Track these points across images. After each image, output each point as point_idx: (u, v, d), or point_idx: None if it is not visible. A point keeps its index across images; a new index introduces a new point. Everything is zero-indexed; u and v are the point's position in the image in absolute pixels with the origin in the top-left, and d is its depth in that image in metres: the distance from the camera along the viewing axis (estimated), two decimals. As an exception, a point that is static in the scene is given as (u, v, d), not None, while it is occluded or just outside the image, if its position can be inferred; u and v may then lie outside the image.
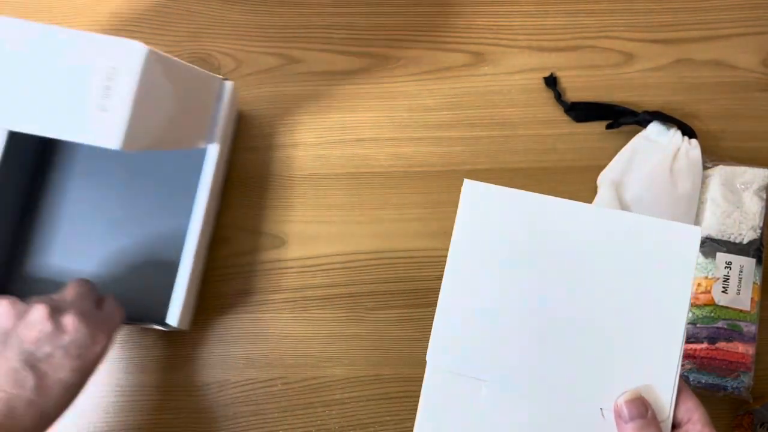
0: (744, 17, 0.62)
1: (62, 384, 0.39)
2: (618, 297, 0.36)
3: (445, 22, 0.61)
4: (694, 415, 0.35)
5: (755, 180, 0.53)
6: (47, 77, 0.35)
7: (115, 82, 0.34)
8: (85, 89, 0.34)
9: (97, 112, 0.34)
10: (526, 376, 0.36)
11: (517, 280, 0.37)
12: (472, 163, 0.58)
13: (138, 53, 0.35)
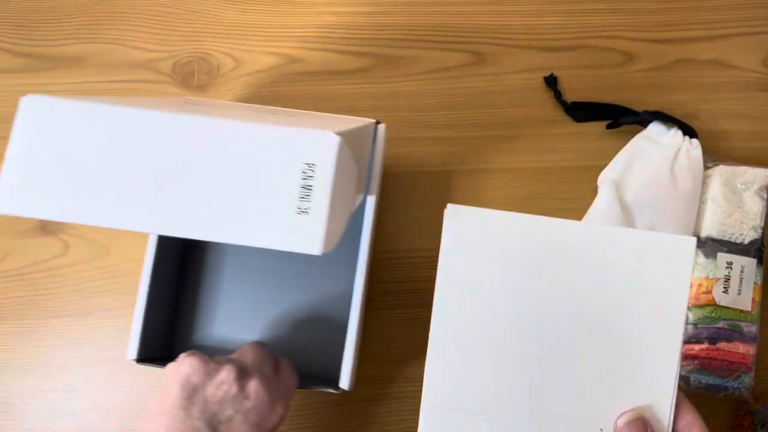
0: (745, 17, 0.62)
1: None
2: (613, 316, 0.36)
3: (445, 22, 0.61)
4: (693, 429, 0.35)
5: (756, 180, 0.53)
6: (239, 180, 0.31)
7: (313, 181, 0.31)
8: (284, 191, 0.31)
9: (296, 216, 0.31)
10: (524, 405, 0.35)
11: (508, 306, 0.36)
12: (472, 163, 0.58)
13: (333, 145, 0.32)
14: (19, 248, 0.56)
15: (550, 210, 0.57)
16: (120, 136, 0.32)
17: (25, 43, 0.60)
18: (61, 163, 0.31)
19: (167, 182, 0.31)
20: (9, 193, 0.31)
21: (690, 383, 0.51)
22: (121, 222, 0.31)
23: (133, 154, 0.32)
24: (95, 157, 0.31)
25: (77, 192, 0.31)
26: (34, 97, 0.31)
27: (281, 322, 0.52)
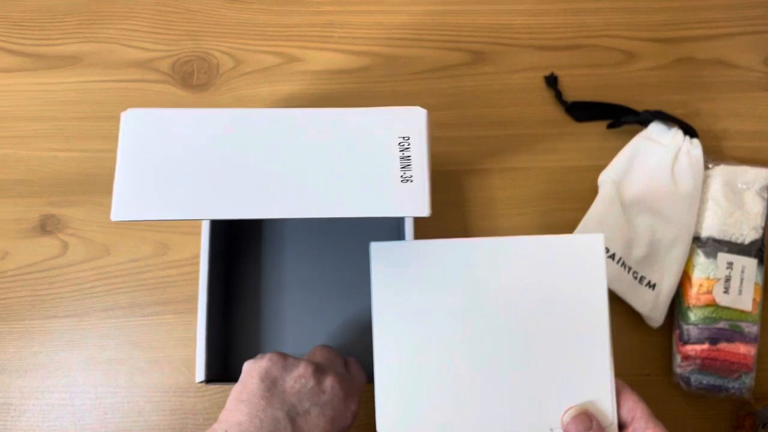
0: (745, 16, 0.61)
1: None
2: (541, 320, 0.38)
3: (445, 22, 0.61)
4: (636, 412, 0.37)
5: (757, 180, 0.53)
6: (343, 160, 0.34)
7: (410, 151, 0.34)
8: (387, 164, 0.34)
9: (402, 184, 0.34)
10: (474, 417, 0.37)
11: (443, 327, 0.38)
12: (472, 163, 0.58)
13: (422, 117, 0.35)
14: (19, 248, 0.56)
15: (550, 210, 0.57)
16: (221, 135, 0.34)
17: (25, 42, 0.60)
18: (171, 166, 0.33)
19: (276, 170, 0.33)
20: (127, 201, 0.32)
21: (691, 384, 0.50)
22: (239, 211, 0.33)
23: (237, 150, 0.33)
24: (200, 157, 0.33)
25: (192, 190, 0.33)
26: (133, 110, 0.33)
27: (341, 331, 0.51)
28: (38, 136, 0.58)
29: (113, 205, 0.32)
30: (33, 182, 0.57)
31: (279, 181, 0.33)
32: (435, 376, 0.38)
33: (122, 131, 0.34)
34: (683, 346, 0.51)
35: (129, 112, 0.34)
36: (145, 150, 0.33)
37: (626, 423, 0.37)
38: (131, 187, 0.33)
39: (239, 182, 0.33)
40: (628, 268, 0.52)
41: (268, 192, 0.33)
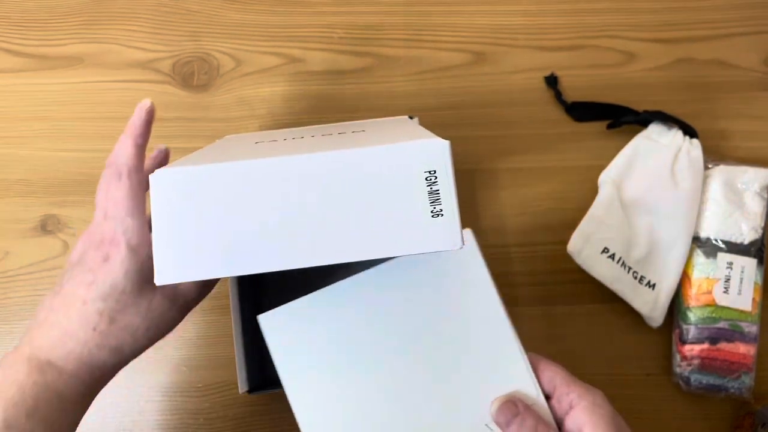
0: (745, 16, 0.62)
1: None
2: (441, 329, 0.40)
3: (445, 22, 0.61)
4: (556, 380, 0.38)
5: (757, 180, 0.53)
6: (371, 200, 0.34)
7: (438, 185, 0.35)
8: (415, 201, 0.34)
9: (433, 220, 0.34)
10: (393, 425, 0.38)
11: (352, 368, 0.39)
12: (472, 164, 0.58)
13: (446, 149, 0.36)
14: (19, 248, 0.56)
15: (550, 210, 0.57)
16: (249, 187, 0.34)
17: (25, 43, 0.60)
18: (203, 223, 0.33)
19: (306, 218, 0.33)
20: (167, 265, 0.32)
21: (690, 383, 0.51)
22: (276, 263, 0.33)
23: (267, 200, 0.33)
24: (231, 210, 0.33)
25: (227, 245, 0.33)
26: (161, 171, 0.33)
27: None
28: (38, 136, 0.58)
29: (156, 270, 0.32)
30: (33, 182, 0.57)
31: (310, 228, 0.33)
32: (360, 418, 0.39)
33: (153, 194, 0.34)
34: (683, 345, 0.51)
35: (157, 173, 0.34)
36: (179, 211, 0.33)
37: (550, 393, 0.38)
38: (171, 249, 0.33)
39: (272, 233, 0.33)
40: (627, 268, 0.52)
41: (301, 241, 0.33)
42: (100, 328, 0.35)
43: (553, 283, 0.55)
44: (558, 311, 0.55)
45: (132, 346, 0.37)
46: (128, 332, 0.36)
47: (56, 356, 0.35)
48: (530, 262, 0.56)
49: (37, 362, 0.35)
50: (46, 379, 0.35)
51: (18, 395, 0.34)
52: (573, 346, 0.54)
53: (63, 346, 0.35)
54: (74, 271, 0.37)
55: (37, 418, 0.34)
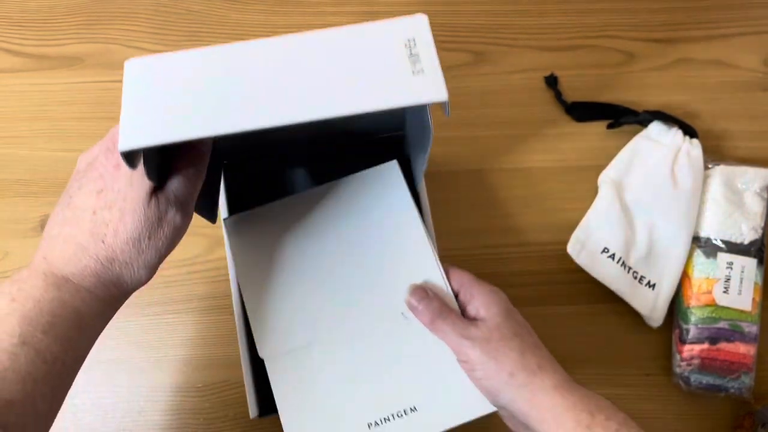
0: (745, 17, 0.62)
1: None
2: (372, 237, 0.46)
3: (445, 22, 0.61)
4: (463, 280, 0.43)
5: (756, 180, 0.53)
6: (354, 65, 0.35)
7: (418, 49, 0.36)
8: (396, 65, 0.35)
9: (414, 76, 0.35)
10: (339, 323, 0.44)
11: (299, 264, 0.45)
12: (472, 164, 0.58)
13: (424, 19, 0.37)
14: (19, 248, 0.56)
15: (551, 210, 0.57)
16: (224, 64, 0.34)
17: (25, 43, 0.60)
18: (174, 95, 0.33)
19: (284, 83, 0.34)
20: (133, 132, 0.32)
21: (690, 383, 0.51)
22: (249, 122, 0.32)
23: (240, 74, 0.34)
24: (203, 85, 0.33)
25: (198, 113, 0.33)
26: (133, 59, 0.34)
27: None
28: (38, 136, 0.58)
29: (120, 136, 0.32)
30: (33, 182, 0.57)
31: (289, 90, 0.33)
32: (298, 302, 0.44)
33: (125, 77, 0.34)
34: (683, 345, 0.51)
35: (131, 60, 0.34)
36: (147, 89, 0.33)
37: (458, 291, 0.43)
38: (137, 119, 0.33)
39: (246, 99, 0.33)
40: (627, 268, 0.52)
41: (278, 101, 0.33)
42: (108, 240, 0.35)
43: (553, 283, 0.55)
44: (558, 311, 0.55)
45: (139, 257, 0.36)
46: (132, 244, 0.35)
47: (71, 272, 0.35)
48: (530, 262, 0.56)
49: (53, 278, 0.35)
50: (63, 295, 0.34)
51: (35, 311, 0.33)
52: (573, 346, 0.54)
53: (78, 261, 0.35)
54: (83, 179, 0.36)
55: (54, 334, 0.33)
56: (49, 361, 0.32)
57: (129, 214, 0.34)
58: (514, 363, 0.39)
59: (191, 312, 0.54)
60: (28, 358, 0.32)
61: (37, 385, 0.32)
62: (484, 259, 0.56)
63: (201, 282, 0.55)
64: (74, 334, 0.34)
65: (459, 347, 0.40)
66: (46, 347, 0.33)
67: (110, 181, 0.35)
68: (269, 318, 0.44)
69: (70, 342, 0.34)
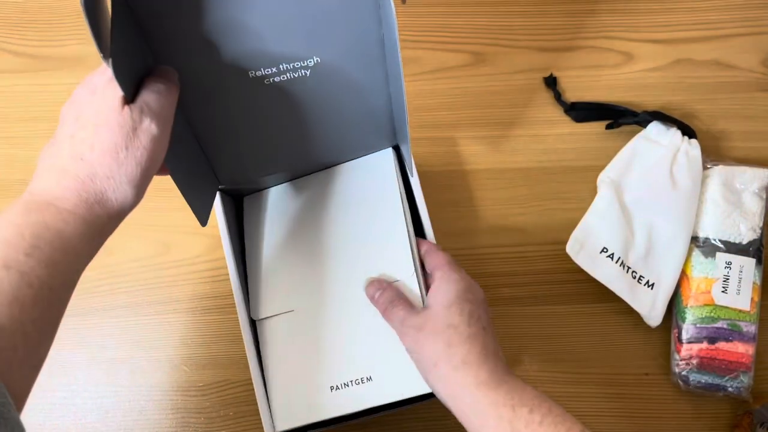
0: (744, 17, 0.62)
1: None
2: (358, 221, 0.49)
3: (445, 22, 0.61)
4: (437, 262, 0.44)
5: (755, 180, 0.53)
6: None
7: None
8: None
9: None
10: (318, 296, 0.47)
11: (293, 242, 0.49)
12: (472, 163, 0.58)
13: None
14: (20, 248, 0.56)
15: (551, 210, 0.57)
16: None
17: (26, 43, 0.60)
18: None
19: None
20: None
21: (689, 383, 0.51)
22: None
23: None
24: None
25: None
26: None
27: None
28: (38, 136, 0.58)
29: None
30: (34, 182, 0.57)
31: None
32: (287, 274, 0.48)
33: None
34: (682, 345, 0.51)
35: None
36: None
37: (431, 273, 0.44)
38: None
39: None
40: (626, 267, 0.53)
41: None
42: (87, 157, 0.34)
43: (553, 283, 0.55)
44: (558, 311, 0.55)
45: (119, 169, 0.35)
46: (110, 155, 0.34)
47: (54, 196, 0.34)
48: (530, 262, 0.56)
49: (35, 204, 0.34)
50: (45, 218, 0.33)
51: (16, 236, 0.32)
52: (573, 346, 0.54)
53: (58, 184, 0.34)
54: (64, 116, 0.37)
55: (37, 257, 0.32)
56: (35, 286, 0.32)
57: (103, 126, 0.34)
58: (438, 355, 0.39)
59: (191, 312, 0.54)
60: (12, 283, 0.31)
61: (25, 309, 0.31)
62: (483, 259, 0.56)
63: (201, 282, 0.55)
64: (59, 257, 0.33)
65: (399, 334, 0.42)
66: (31, 270, 0.32)
67: (86, 106, 0.36)
68: (262, 286, 0.48)
69: (56, 266, 0.33)
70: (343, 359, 0.45)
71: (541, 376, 0.53)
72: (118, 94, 0.34)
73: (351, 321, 0.46)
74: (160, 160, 0.37)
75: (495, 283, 0.55)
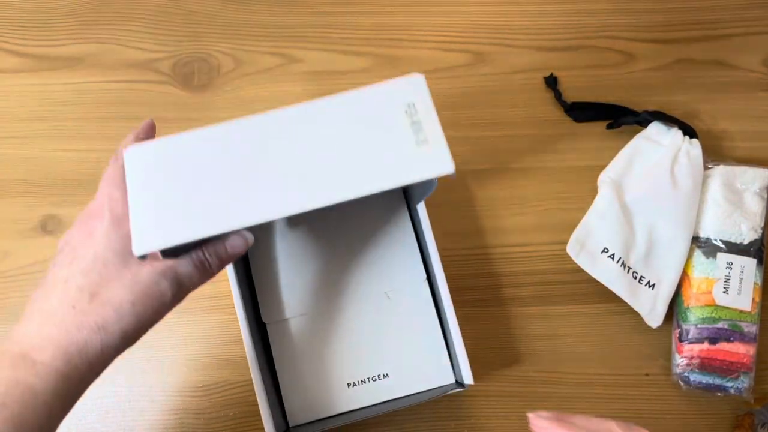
0: (744, 17, 0.62)
1: None
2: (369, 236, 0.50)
3: (445, 22, 0.61)
4: None
5: (756, 180, 0.53)
6: (353, 142, 0.34)
7: (419, 116, 0.35)
8: (398, 134, 0.34)
9: (418, 148, 0.34)
10: (332, 299, 0.49)
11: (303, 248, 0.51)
12: (472, 164, 0.58)
13: (421, 81, 0.35)
14: (19, 248, 0.56)
15: (550, 210, 0.57)
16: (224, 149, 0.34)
17: (25, 43, 0.60)
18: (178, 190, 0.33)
19: (290, 166, 0.33)
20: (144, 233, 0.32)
21: (690, 383, 0.51)
22: (264, 214, 0.32)
23: (244, 160, 0.33)
24: (209, 174, 0.33)
25: (209, 206, 0.33)
26: (133, 146, 0.33)
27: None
28: (38, 136, 0.58)
29: (133, 239, 0.31)
30: (33, 182, 0.57)
31: (296, 176, 0.33)
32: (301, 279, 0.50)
33: (127, 169, 0.33)
34: (683, 345, 0.51)
35: (129, 149, 0.34)
36: (153, 181, 0.33)
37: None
38: (147, 217, 0.32)
39: (256, 187, 0.33)
40: (627, 268, 0.52)
41: (289, 188, 0.33)
42: (80, 305, 0.32)
43: (553, 283, 0.55)
44: (558, 311, 0.55)
45: (118, 323, 0.33)
46: (111, 307, 0.32)
47: (32, 345, 0.32)
48: (530, 262, 0.56)
49: (9, 356, 0.32)
50: (17, 373, 0.31)
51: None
52: (573, 346, 0.54)
53: (40, 333, 0.32)
54: (59, 256, 0.35)
55: (3, 415, 0.30)
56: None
57: (110, 280, 0.33)
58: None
59: (191, 312, 0.54)
60: None
61: None
62: (483, 259, 0.56)
63: (201, 282, 0.55)
64: (29, 415, 0.31)
65: None
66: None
67: (82, 250, 0.34)
68: (273, 290, 0.50)
69: (25, 424, 0.31)
70: (359, 358, 0.48)
71: (541, 377, 0.53)
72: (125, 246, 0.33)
73: (365, 321, 0.49)
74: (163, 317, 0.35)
75: (495, 283, 0.55)
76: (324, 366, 0.49)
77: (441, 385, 0.48)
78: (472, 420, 0.53)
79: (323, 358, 0.49)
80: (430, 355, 0.49)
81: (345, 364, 0.49)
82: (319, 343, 0.49)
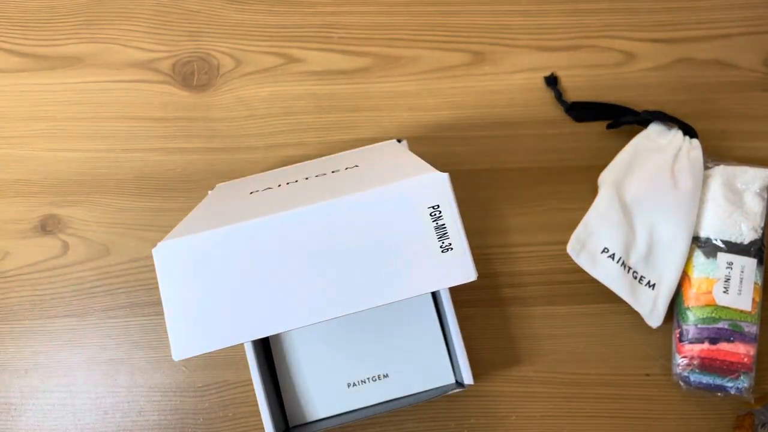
0: (745, 16, 0.62)
1: None
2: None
3: (445, 22, 0.61)
4: None
5: (756, 180, 0.53)
6: (377, 244, 0.34)
7: (444, 219, 0.35)
8: (423, 239, 0.34)
9: (443, 255, 0.34)
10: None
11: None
12: (471, 164, 0.58)
13: (446, 182, 0.36)
14: (19, 248, 0.56)
15: (550, 210, 0.57)
16: (253, 248, 0.34)
17: (25, 43, 0.60)
18: (212, 291, 0.34)
19: (317, 272, 0.34)
20: (182, 339, 0.33)
21: (690, 383, 0.51)
22: (292, 322, 0.33)
23: (273, 258, 0.34)
24: (239, 273, 0.34)
25: (242, 310, 0.33)
26: (162, 243, 0.34)
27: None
28: (38, 136, 0.58)
29: (172, 346, 0.32)
30: (33, 182, 0.57)
31: (323, 283, 0.34)
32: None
33: (158, 267, 0.34)
34: (683, 345, 0.51)
35: (158, 247, 0.34)
36: (185, 283, 0.34)
37: None
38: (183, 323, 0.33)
39: (284, 291, 0.34)
40: (627, 268, 0.52)
41: (316, 296, 0.34)
42: None
43: (553, 283, 0.55)
44: (558, 311, 0.55)
45: None
46: None
47: None
48: (530, 262, 0.56)
49: None
50: None
51: None
52: (573, 346, 0.54)
53: None
54: None
55: None
56: None
57: None
58: None
59: (191, 312, 0.54)
60: None
61: None
62: (483, 260, 0.56)
63: (201, 282, 0.55)
64: None
65: None
66: None
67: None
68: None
69: None
70: (360, 358, 0.50)
71: (541, 377, 0.53)
72: None
73: (366, 323, 0.50)
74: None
75: (496, 283, 0.55)
76: (324, 366, 0.50)
77: (441, 385, 0.49)
78: (472, 420, 0.53)
79: (323, 358, 0.50)
80: (430, 355, 0.50)
81: (345, 364, 0.50)
82: (319, 343, 0.50)
